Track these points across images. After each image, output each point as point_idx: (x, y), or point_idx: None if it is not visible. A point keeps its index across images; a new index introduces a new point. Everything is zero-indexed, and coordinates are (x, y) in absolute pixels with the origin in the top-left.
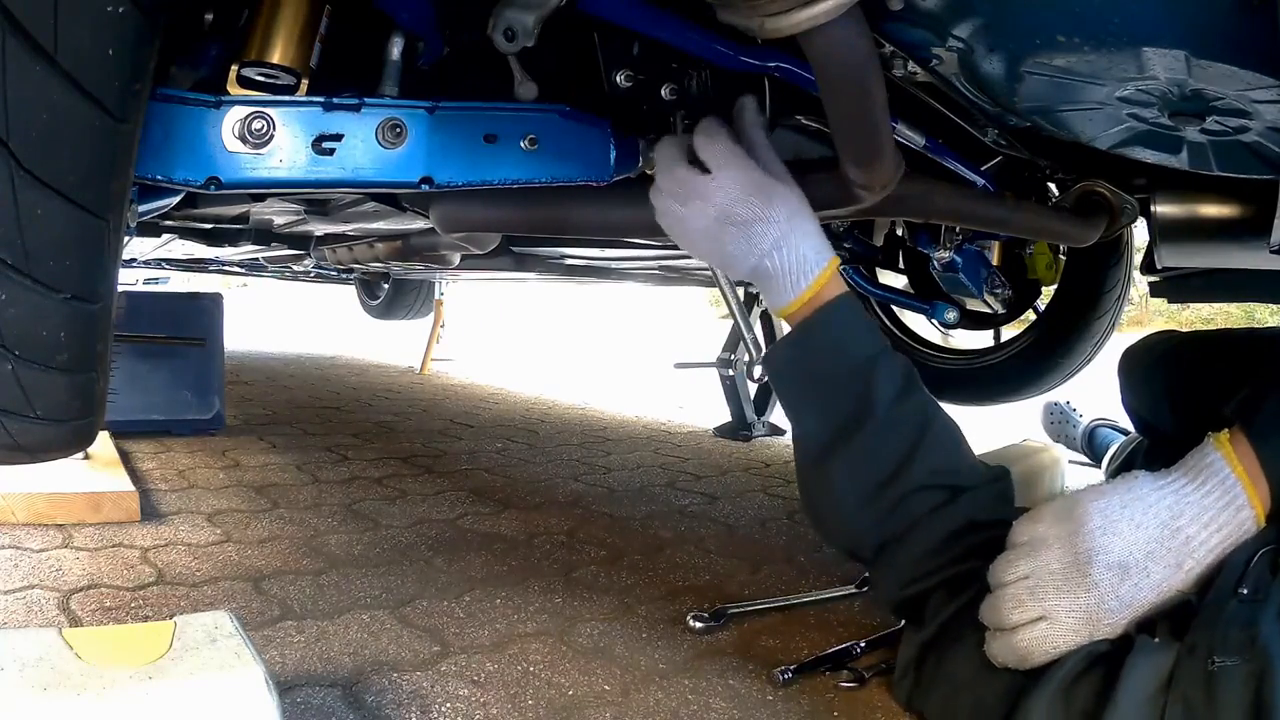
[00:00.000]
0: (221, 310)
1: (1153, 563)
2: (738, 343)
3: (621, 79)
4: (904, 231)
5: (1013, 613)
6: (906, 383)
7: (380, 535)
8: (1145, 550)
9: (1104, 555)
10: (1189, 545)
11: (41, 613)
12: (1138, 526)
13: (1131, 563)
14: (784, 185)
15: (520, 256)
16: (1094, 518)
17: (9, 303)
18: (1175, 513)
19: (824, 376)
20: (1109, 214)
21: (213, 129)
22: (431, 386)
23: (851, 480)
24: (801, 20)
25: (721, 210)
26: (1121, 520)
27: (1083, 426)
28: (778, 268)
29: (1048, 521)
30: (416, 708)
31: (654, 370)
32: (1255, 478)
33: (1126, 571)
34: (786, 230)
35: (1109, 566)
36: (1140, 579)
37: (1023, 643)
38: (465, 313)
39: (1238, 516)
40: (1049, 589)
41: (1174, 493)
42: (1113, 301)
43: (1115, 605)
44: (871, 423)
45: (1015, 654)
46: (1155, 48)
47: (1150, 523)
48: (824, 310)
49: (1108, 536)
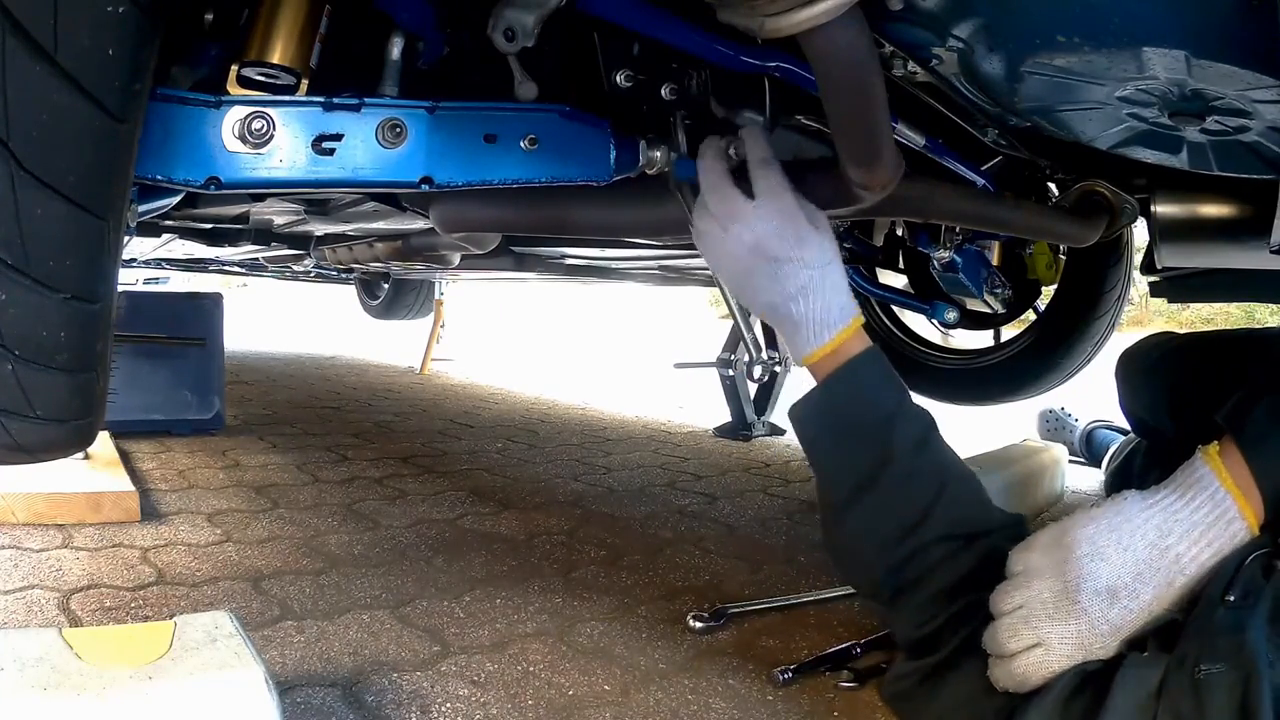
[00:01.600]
0: (221, 310)
1: (1141, 584)
2: (738, 343)
3: (621, 79)
4: (904, 231)
5: (1009, 641)
6: (926, 435)
7: (380, 535)
8: (1134, 573)
9: (1091, 582)
10: (1179, 563)
11: (41, 613)
12: (1125, 550)
13: (1120, 586)
14: (821, 231)
15: (520, 256)
16: (1081, 545)
17: (9, 303)
18: (1163, 532)
19: (847, 429)
20: (1109, 214)
21: (213, 129)
22: (431, 386)
23: (871, 530)
24: (801, 20)
25: (756, 241)
26: (1109, 545)
27: (1080, 430)
28: (803, 315)
29: (1039, 551)
30: (416, 708)
31: (654, 370)
32: (1246, 488)
33: (1115, 595)
34: (818, 278)
35: (1096, 593)
36: (1130, 601)
37: (1019, 668)
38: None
39: (1229, 530)
40: (1041, 617)
41: (1161, 511)
42: (1113, 301)
43: (1106, 629)
44: (891, 475)
45: (1014, 679)
46: (1155, 48)
47: (1137, 544)
48: (850, 366)
49: (1095, 563)
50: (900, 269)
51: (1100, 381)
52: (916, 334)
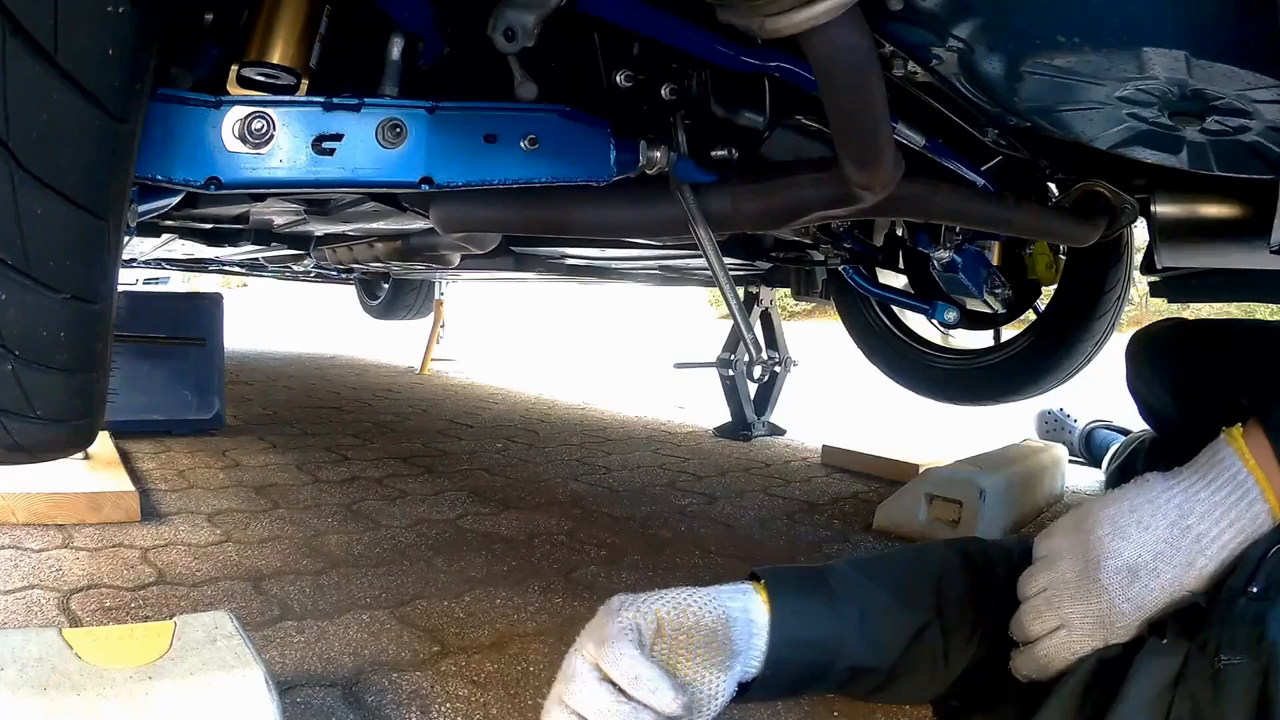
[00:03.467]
0: (221, 310)
1: (1162, 563)
2: (738, 343)
3: (621, 79)
4: (904, 231)
5: (1033, 624)
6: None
7: (380, 535)
8: (1154, 551)
9: (1112, 559)
10: (1200, 543)
11: (41, 613)
12: (1145, 528)
13: (1140, 564)
14: None
15: (520, 256)
16: (1103, 525)
17: (9, 303)
18: (1184, 511)
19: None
20: (1109, 214)
21: (213, 129)
22: (431, 386)
23: (905, 694)
24: (801, 20)
25: None
26: (1130, 524)
27: (1079, 430)
28: None
29: (1061, 534)
30: (416, 708)
31: (654, 370)
32: (1270, 471)
33: (1136, 574)
34: None
35: (1117, 570)
36: (1150, 580)
37: (1042, 652)
38: (465, 313)
39: (1250, 511)
40: (1064, 598)
41: (1183, 491)
42: (1112, 302)
43: (1127, 608)
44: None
45: (1037, 664)
46: (1155, 48)
47: (1158, 523)
48: None
49: (1116, 541)
50: (900, 269)
51: (1100, 382)
52: (916, 334)
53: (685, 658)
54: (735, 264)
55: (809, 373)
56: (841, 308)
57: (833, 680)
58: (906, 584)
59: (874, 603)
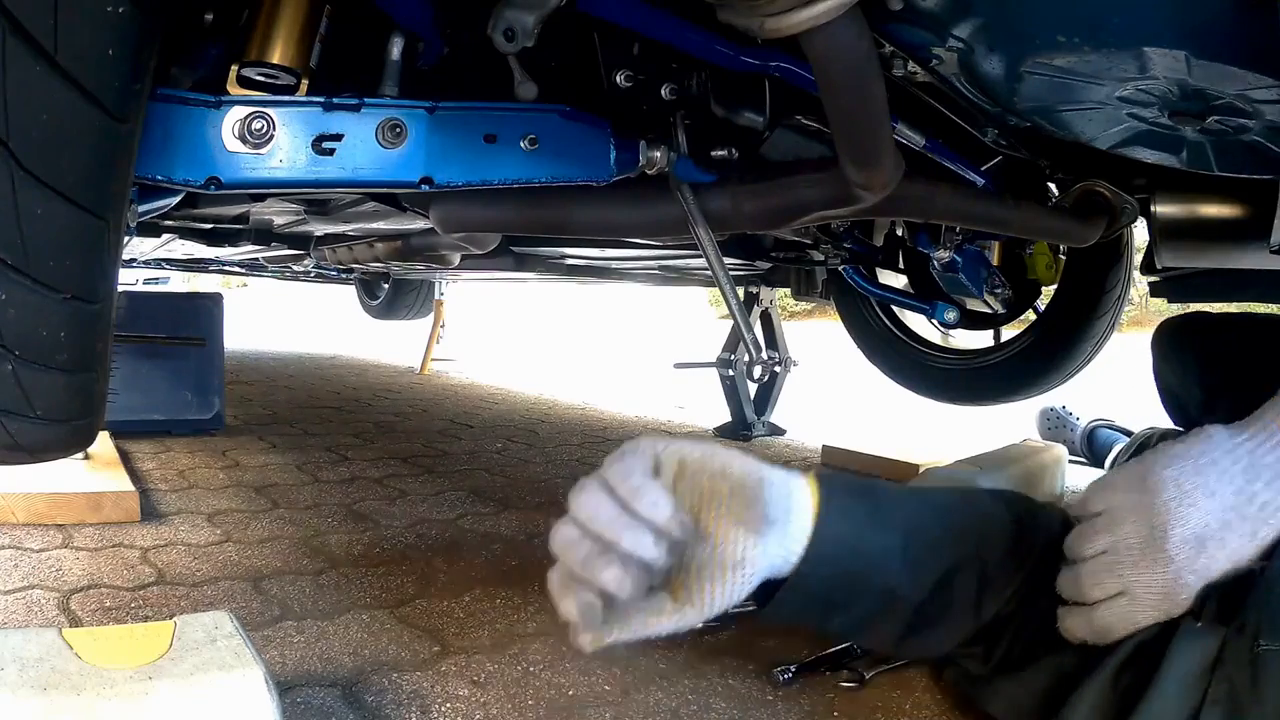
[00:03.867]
0: (221, 310)
1: (1229, 532)
2: (738, 343)
3: (621, 79)
4: (904, 231)
5: (1093, 588)
6: (906, 545)
7: (380, 535)
8: (1221, 520)
9: (1180, 528)
10: (1264, 511)
11: (41, 613)
12: (1212, 495)
13: (1208, 535)
14: None
15: (520, 256)
16: (1168, 487)
17: (9, 303)
18: (1250, 476)
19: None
20: (1109, 214)
21: (213, 129)
22: (431, 386)
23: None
24: (801, 20)
25: None
26: (1197, 489)
27: (1081, 429)
28: None
29: (1124, 489)
30: (416, 708)
31: (654, 370)
32: None
33: (1203, 544)
34: None
35: (1185, 540)
36: (1216, 550)
37: (1101, 619)
38: (465, 313)
39: None
40: (1126, 564)
41: (1249, 454)
42: (1113, 302)
43: (1193, 580)
44: (918, 608)
45: (1094, 629)
46: (1155, 48)
47: (1225, 490)
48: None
49: (1183, 508)
50: (900, 269)
51: (1100, 381)
52: (916, 334)
53: (709, 505)
54: (735, 264)
55: (809, 373)
56: (841, 308)
57: (862, 609)
58: (953, 522)
59: (921, 529)
